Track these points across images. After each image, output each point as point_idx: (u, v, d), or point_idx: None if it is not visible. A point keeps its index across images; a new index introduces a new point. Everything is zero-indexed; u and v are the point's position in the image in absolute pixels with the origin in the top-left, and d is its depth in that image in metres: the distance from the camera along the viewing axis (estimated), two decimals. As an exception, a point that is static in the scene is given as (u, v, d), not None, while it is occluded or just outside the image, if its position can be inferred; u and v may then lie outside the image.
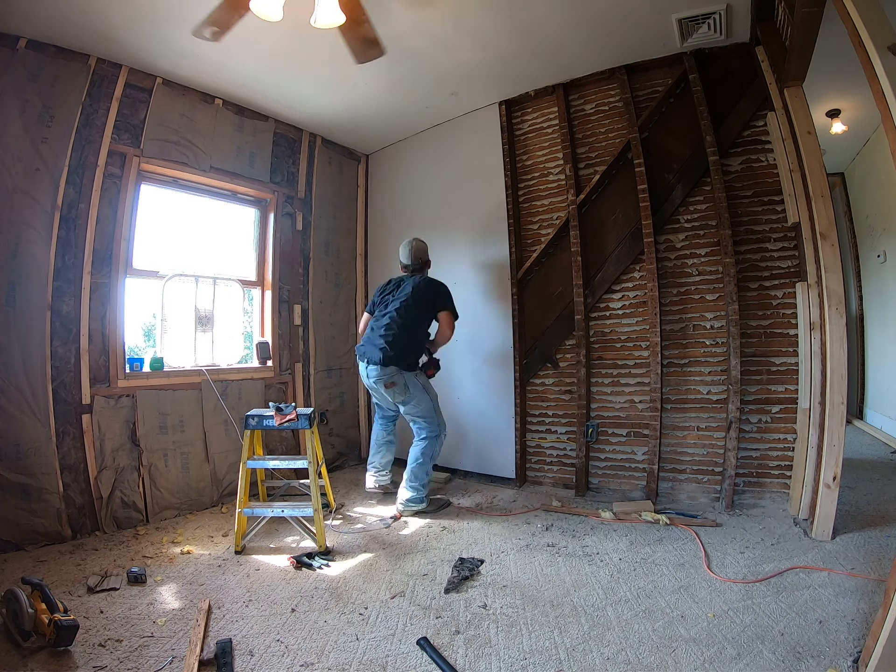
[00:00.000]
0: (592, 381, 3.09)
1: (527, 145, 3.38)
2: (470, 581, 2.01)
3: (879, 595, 1.65)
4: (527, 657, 1.52)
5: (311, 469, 2.40)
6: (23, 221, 2.40)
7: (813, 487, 2.30)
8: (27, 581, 1.69)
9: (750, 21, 2.53)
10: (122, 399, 2.71)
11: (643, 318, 2.94)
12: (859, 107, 3.48)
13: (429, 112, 3.51)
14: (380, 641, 1.62)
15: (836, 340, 2.14)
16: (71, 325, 2.55)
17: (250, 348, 3.49)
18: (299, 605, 1.86)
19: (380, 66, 2.87)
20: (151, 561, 2.24)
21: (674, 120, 2.91)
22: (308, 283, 3.72)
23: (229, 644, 1.59)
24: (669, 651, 1.51)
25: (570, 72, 3.07)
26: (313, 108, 3.40)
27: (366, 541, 2.47)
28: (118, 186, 2.74)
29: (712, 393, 2.77)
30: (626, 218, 3.01)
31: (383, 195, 4.10)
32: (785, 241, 2.64)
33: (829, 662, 1.40)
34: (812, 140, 2.26)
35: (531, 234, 3.34)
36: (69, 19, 2.33)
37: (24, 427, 2.37)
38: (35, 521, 2.35)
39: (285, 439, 3.49)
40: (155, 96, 2.86)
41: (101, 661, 1.51)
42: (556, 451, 3.23)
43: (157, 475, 2.79)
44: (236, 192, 3.39)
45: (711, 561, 2.08)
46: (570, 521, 2.63)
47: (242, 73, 2.89)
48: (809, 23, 1.93)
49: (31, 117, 2.42)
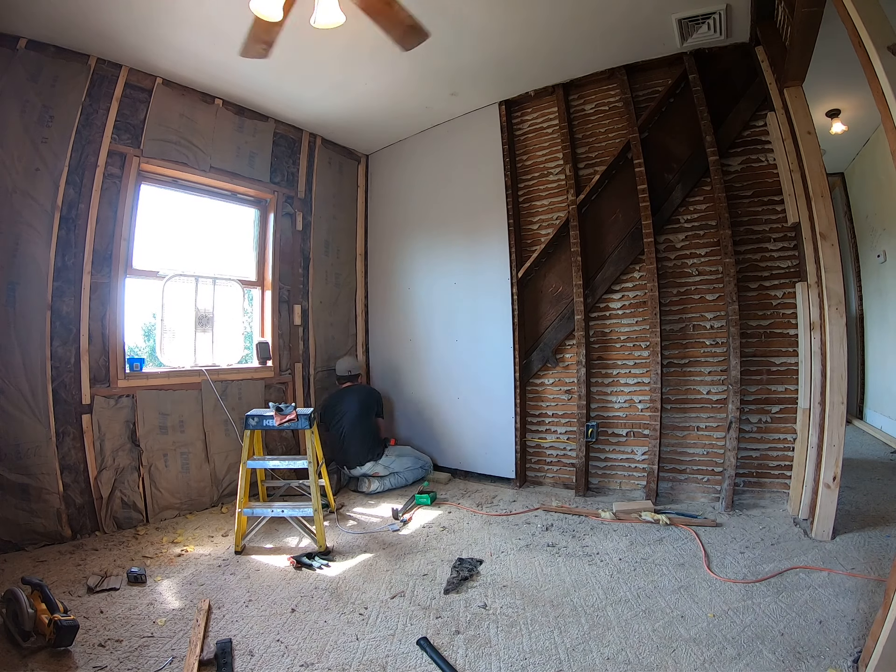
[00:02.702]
0: (592, 381, 3.09)
1: (527, 145, 3.38)
2: (470, 581, 2.01)
3: (879, 595, 1.65)
4: (527, 657, 1.52)
5: (311, 469, 2.40)
6: (23, 221, 2.40)
7: (813, 487, 2.30)
8: (27, 581, 1.69)
9: (750, 21, 2.53)
10: (122, 399, 2.71)
11: (643, 318, 2.94)
12: (859, 107, 3.48)
13: (429, 112, 3.51)
14: (380, 641, 1.62)
15: (836, 340, 2.14)
16: (71, 326, 2.55)
17: (250, 348, 3.49)
18: (299, 605, 1.86)
19: (380, 66, 2.88)
20: (151, 561, 2.24)
21: (674, 120, 2.91)
22: (308, 283, 3.72)
23: (229, 644, 1.59)
24: (669, 651, 1.51)
25: (570, 72, 3.07)
26: (313, 108, 3.40)
27: (366, 541, 2.47)
28: (118, 186, 2.74)
29: (712, 393, 2.77)
30: (626, 218, 3.01)
31: (383, 195, 4.10)
32: (785, 241, 2.64)
33: (829, 662, 1.40)
34: (812, 140, 2.26)
35: (531, 234, 3.34)
36: (69, 19, 2.33)
37: (24, 427, 2.37)
38: (35, 521, 2.35)
39: (285, 439, 3.49)
40: (155, 96, 2.86)
41: (101, 661, 1.51)
42: (556, 451, 3.23)
43: (157, 475, 2.79)
44: (236, 192, 3.39)
45: (711, 561, 2.08)
46: (570, 521, 2.63)
47: (242, 73, 2.89)
48: (809, 23, 1.93)
49: (31, 117, 2.42)
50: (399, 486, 3.26)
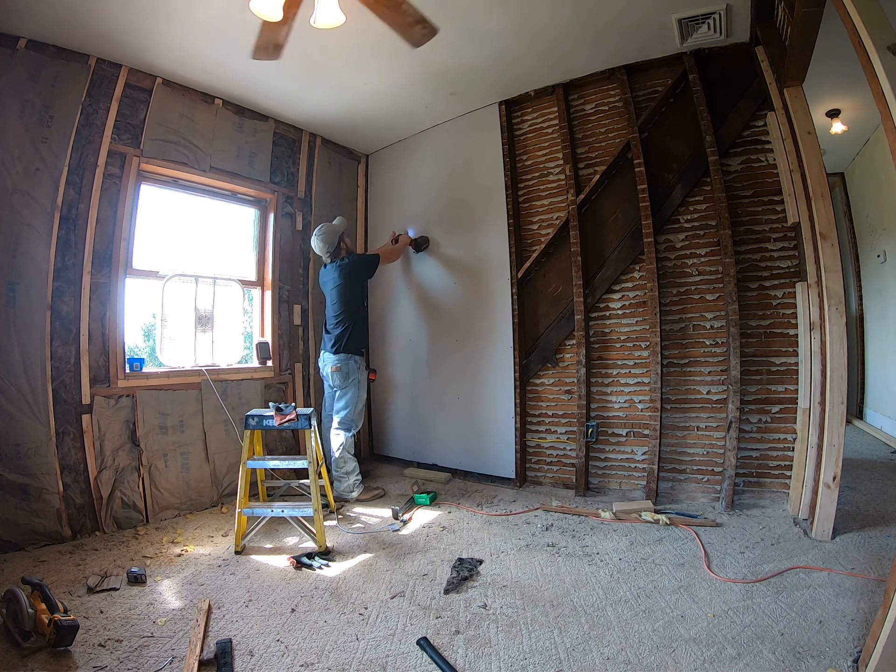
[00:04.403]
0: (592, 381, 3.09)
1: (527, 145, 3.38)
2: (470, 581, 2.01)
3: (879, 595, 1.65)
4: (527, 657, 1.52)
5: (311, 469, 2.40)
6: (23, 221, 2.40)
7: (813, 487, 2.30)
8: (27, 581, 1.69)
9: (750, 21, 2.53)
10: (122, 399, 2.71)
11: (643, 318, 2.94)
12: (859, 107, 3.48)
13: (429, 112, 3.51)
14: (380, 641, 1.62)
15: (835, 340, 2.14)
16: (71, 325, 2.55)
17: (250, 348, 3.49)
18: (299, 605, 1.86)
19: (381, 66, 2.88)
20: (151, 561, 2.24)
21: (674, 120, 2.91)
22: (308, 283, 3.72)
23: (229, 644, 1.59)
24: (669, 651, 1.51)
25: (570, 72, 3.07)
26: (313, 108, 3.40)
27: (365, 541, 2.47)
28: (118, 186, 2.74)
29: (712, 393, 2.77)
30: (626, 218, 3.01)
31: (383, 195, 4.10)
32: (785, 241, 2.64)
33: (829, 662, 1.40)
34: (812, 140, 2.26)
35: (531, 234, 3.34)
36: (69, 19, 2.33)
37: (24, 427, 2.37)
38: (35, 521, 2.35)
39: (285, 439, 3.49)
40: (155, 96, 2.86)
41: (101, 661, 1.51)
42: (556, 451, 3.23)
43: (157, 475, 2.79)
44: (236, 192, 3.39)
45: (711, 561, 2.08)
46: (570, 520, 2.63)
47: (242, 72, 2.89)
48: (809, 23, 1.93)
49: (31, 117, 2.42)
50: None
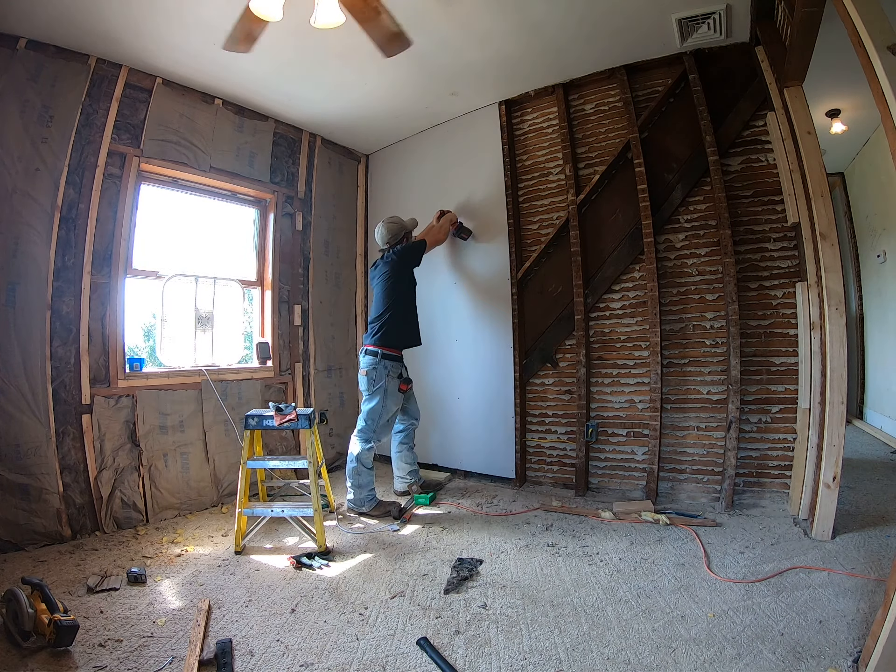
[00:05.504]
0: (592, 381, 3.09)
1: (527, 145, 3.38)
2: (470, 581, 2.01)
3: (879, 595, 1.65)
4: (527, 657, 1.52)
5: (311, 469, 2.40)
6: (23, 221, 2.40)
7: (813, 487, 2.30)
8: (27, 581, 1.69)
9: (750, 21, 2.53)
10: (122, 399, 2.71)
11: (643, 318, 2.94)
12: (859, 107, 3.48)
13: (429, 112, 3.51)
14: (380, 641, 1.62)
15: (836, 340, 2.14)
16: (71, 326, 2.55)
17: (250, 348, 3.49)
18: (299, 605, 1.86)
19: (381, 66, 2.87)
20: (151, 561, 2.24)
21: (674, 120, 2.91)
22: (308, 283, 3.72)
23: (229, 644, 1.59)
24: (669, 651, 1.51)
25: (570, 72, 3.07)
26: (313, 109, 3.40)
27: (365, 541, 2.47)
28: (118, 186, 2.74)
29: (712, 393, 2.77)
30: (625, 218, 3.01)
31: (383, 195, 4.10)
32: (785, 241, 2.64)
33: (829, 662, 1.40)
34: (812, 140, 2.26)
35: (531, 234, 3.34)
36: (69, 19, 2.33)
37: (24, 427, 2.37)
38: (35, 521, 2.35)
39: (285, 439, 3.49)
40: (155, 96, 2.86)
41: (101, 661, 1.51)
42: (556, 451, 3.23)
43: (157, 475, 2.79)
44: (236, 192, 3.39)
45: (711, 561, 2.08)
46: (570, 520, 2.62)
47: (242, 73, 2.89)
48: (809, 23, 1.93)
49: (31, 117, 2.42)
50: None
